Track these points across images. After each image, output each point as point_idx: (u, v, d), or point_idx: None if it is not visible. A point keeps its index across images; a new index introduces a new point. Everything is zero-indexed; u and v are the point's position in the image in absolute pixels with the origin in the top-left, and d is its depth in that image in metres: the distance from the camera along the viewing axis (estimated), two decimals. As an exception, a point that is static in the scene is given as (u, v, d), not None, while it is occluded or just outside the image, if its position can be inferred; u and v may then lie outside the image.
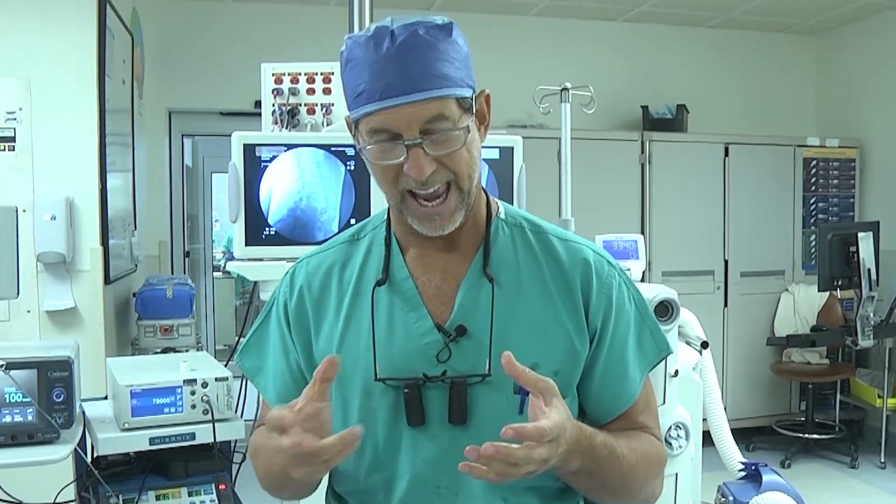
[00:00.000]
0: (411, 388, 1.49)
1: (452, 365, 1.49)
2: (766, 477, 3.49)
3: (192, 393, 2.78)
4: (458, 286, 1.53)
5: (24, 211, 4.14)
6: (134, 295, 4.89)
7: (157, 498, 2.85)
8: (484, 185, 1.58)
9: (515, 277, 1.54)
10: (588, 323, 1.54)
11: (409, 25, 1.38)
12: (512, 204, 3.20)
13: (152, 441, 2.75)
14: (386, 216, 1.64)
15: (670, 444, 3.06)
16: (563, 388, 1.45)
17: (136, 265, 5.36)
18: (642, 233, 6.16)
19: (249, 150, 3.09)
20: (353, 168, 3.16)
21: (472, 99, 1.46)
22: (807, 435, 6.43)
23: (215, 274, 7.91)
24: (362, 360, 1.51)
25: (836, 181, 7.06)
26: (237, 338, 3.90)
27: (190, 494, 2.88)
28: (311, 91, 3.49)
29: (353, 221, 3.17)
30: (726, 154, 6.71)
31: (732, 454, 3.67)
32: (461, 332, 1.50)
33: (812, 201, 6.99)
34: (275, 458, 1.38)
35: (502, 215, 1.62)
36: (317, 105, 3.49)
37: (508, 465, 1.26)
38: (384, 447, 1.50)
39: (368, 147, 1.43)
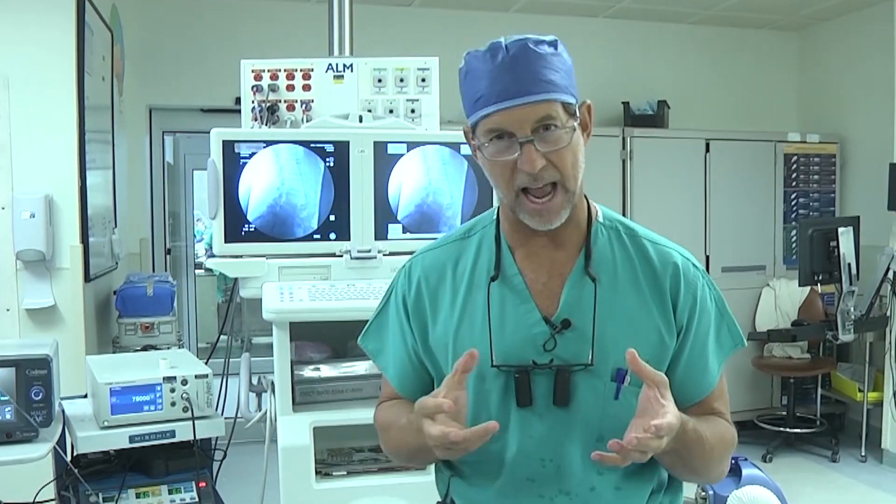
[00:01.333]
0: (522, 374, 1.66)
1: (558, 353, 1.66)
2: (746, 471, 3.51)
3: (172, 390, 2.78)
4: (564, 284, 1.70)
5: (3, 208, 4.13)
6: (114, 293, 4.87)
7: (138, 496, 2.85)
8: (464, 182, 1.67)
9: (613, 276, 1.71)
10: (675, 319, 1.70)
11: (520, 40, 1.59)
12: (491, 199, 3.22)
13: (132, 439, 2.75)
14: (495, 216, 1.80)
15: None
16: None
17: (117, 263, 5.34)
18: (624, 228, 6.16)
19: (228, 146, 3.09)
20: (332, 164, 3.16)
21: (575, 106, 1.64)
22: (788, 429, 6.46)
23: (197, 271, 7.87)
24: (477, 346, 1.63)
25: (816, 177, 7.09)
26: (218, 335, 3.89)
27: (170, 492, 2.88)
28: (290, 87, 3.49)
29: (332, 218, 3.18)
30: (707, 150, 6.73)
31: (713, 449, 3.68)
32: (566, 325, 1.67)
33: (793, 197, 7.02)
34: (409, 436, 1.65)
35: (601, 219, 1.78)
36: (296, 101, 3.49)
37: (640, 454, 1.46)
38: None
39: (486, 145, 1.62)
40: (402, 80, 3.53)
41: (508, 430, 1.68)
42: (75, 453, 2.83)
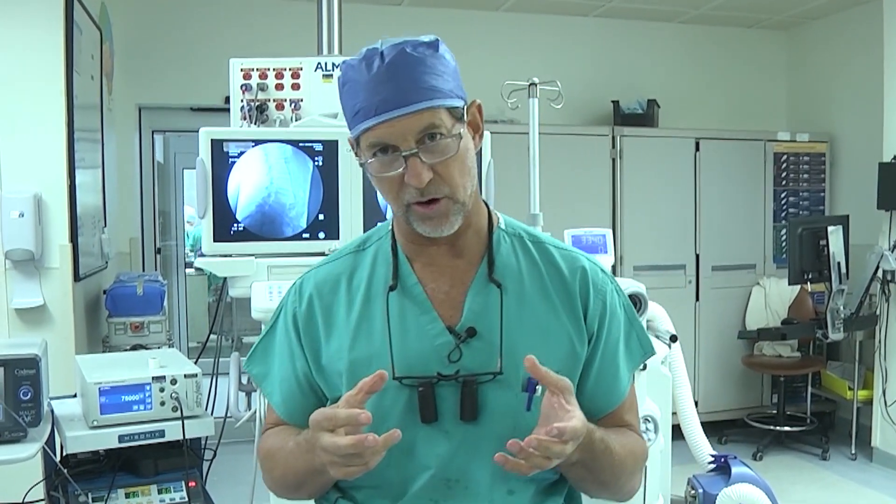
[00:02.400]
0: (426, 387, 1.56)
1: (464, 364, 1.57)
2: (736, 469, 3.51)
3: (161, 390, 2.77)
4: (466, 292, 1.61)
5: (-8, 208, 4.11)
6: (104, 292, 4.86)
7: (127, 496, 2.83)
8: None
9: (519, 284, 1.63)
10: (586, 325, 1.63)
11: (397, 45, 1.48)
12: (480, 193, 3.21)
13: (121, 439, 2.73)
14: (389, 228, 1.70)
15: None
16: None
17: (107, 262, 5.33)
18: (613, 227, 6.18)
19: (217, 145, 3.08)
20: (321, 164, 3.16)
21: (463, 108, 1.55)
22: (778, 427, 6.48)
23: (188, 270, 7.86)
24: (376, 360, 1.57)
25: (806, 175, 7.10)
26: (208, 334, 3.88)
27: (160, 492, 2.86)
28: (279, 86, 3.49)
29: (321, 217, 3.17)
30: (697, 149, 6.73)
31: (702, 447, 3.70)
32: (471, 334, 1.58)
33: (783, 195, 7.03)
34: (299, 460, 1.54)
35: (503, 226, 1.70)
36: (285, 100, 3.48)
37: (543, 458, 1.38)
38: (398, 444, 1.48)
39: (370, 161, 1.52)
40: (390, 79, 3.53)
41: (414, 450, 1.57)
42: (64, 453, 2.82)
